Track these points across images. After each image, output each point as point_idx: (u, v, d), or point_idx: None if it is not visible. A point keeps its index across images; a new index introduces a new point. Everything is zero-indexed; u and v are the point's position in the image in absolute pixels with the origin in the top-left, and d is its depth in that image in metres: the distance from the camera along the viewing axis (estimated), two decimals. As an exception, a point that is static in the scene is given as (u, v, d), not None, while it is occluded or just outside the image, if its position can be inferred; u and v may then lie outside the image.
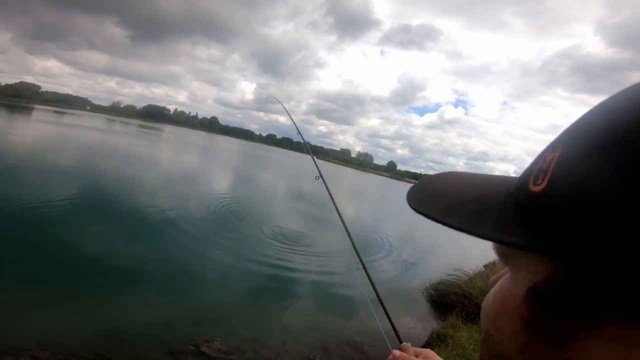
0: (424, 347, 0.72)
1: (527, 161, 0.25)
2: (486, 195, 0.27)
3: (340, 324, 4.96)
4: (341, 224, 1.30)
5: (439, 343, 4.14)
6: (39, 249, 5.24)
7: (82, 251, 5.49)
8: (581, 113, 0.22)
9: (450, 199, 0.28)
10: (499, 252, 0.26)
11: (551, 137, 0.24)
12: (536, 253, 0.21)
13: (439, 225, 0.24)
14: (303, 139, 1.72)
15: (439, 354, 0.68)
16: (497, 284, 0.28)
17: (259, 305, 5.01)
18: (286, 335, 4.27)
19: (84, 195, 8.28)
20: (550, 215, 0.21)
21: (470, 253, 9.55)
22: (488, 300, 0.28)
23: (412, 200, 0.30)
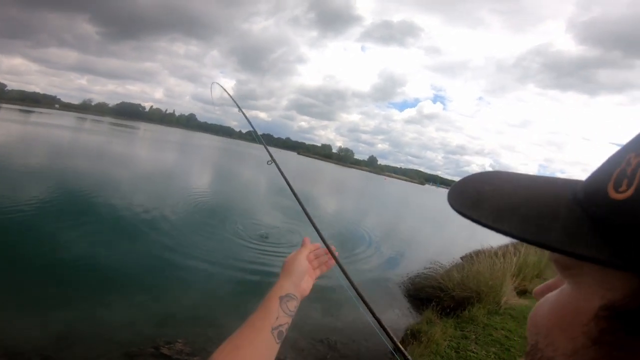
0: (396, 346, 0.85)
1: (502, 154, 0.19)
2: (545, 199, 0.24)
3: (312, 321, 4.82)
4: (302, 210, 1.17)
5: (413, 340, 4.04)
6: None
7: (42, 251, 5.20)
8: (552, 108, 0.21)
9: (499, 202, 0.25)
10: (557, 262, 0.24)
11: (525, 131, 0.19)
12: (618, 269, 0.19)
13: (420, 220, 0.22)
14: (253, 127, 1.61)
15: (411, 352, 0.55)
16: (552, 295, 0.26)
17: (227, 303, 4.80)
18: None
19: (49, 196, 7.86)
20: (638, 228, 0.18)
21: (449, 245, 9.65)
22: (539, 312, 0.26)
23: (455, 202, 0.27)
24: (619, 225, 0.19)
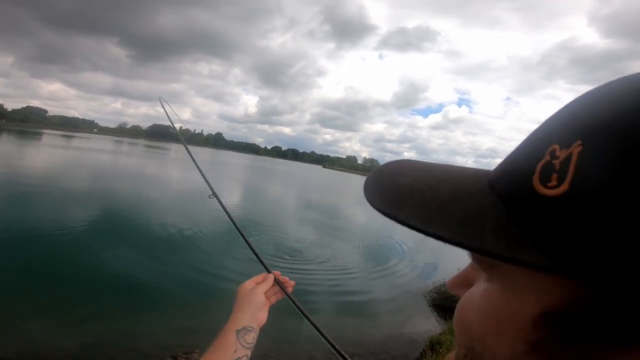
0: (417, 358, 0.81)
1: None
2: (465, 193, 0.22)
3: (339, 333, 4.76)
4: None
5: (431, 352, 3.90)
6: (37, 267, 5.30)
7: (78, 267, 5.54)
8: None
9: (424, 199, 0.23)
10: (480, 261, 0.22)
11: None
12: (559, 274, 0.17)
13: None
14: (180, 134, 1.53)
15: None
16: (476, 294, 0.24)
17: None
18: (272, 345, 4.09)
19: (90, 216, 8.41)
20: (578, 229, 0.16)
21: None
22: (467, 312, 0.24)
23: (374, 199, 0.24)
24: (557, 226, 0.17)
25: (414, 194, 0.23)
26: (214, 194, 1.19)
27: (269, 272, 0.86)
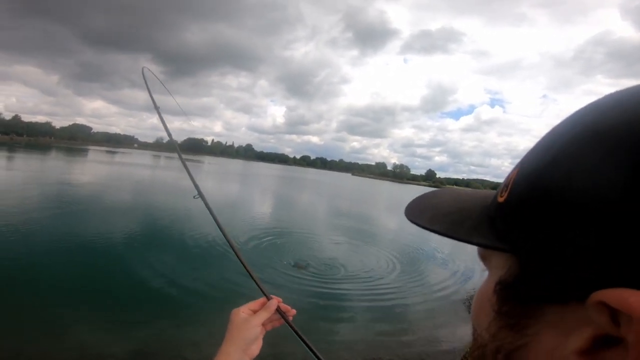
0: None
1: None
2: (468, 207, 0.32)
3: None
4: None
5: None
6: (90, 275, 5.78)
7: (127, 276, 5.98)
8: None
9: (437, 211, 0.33)
10: (480, 255, 0.30)
11: None
12: (498, 251, 0.25)
13: None
14: (170, 135, 1.35)
15: None
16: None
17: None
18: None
19: (134, 227, 9.03)
20: (509, 219, 0.25)
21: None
22: (474, 299, 0.32)
23: (408, 213, 0.36)
24: (500, 219, 0.26)
25: (434, 208, 0.34)
26: (200, 195, 1.13)
27: (268, 298, 0.80)
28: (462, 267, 9.55)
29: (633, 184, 0.18)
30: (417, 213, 0.34)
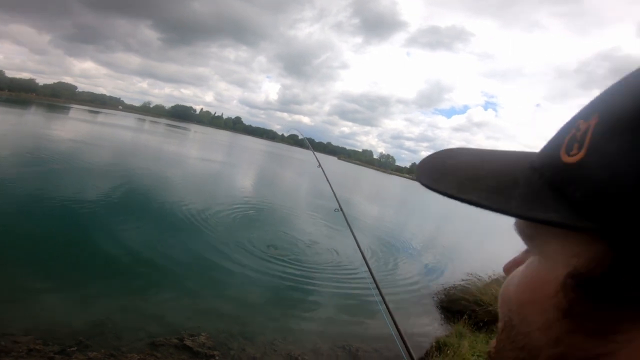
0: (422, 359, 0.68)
1: None
2: (504, 169, 0.25)
3: (340, 328, 4.75)
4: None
5: (437, 353, 3.84)
6: (53, 241, 5.43)
7: (90, 243, 5.66)
8: None
9: (464, 174, 0.26)
10: (523, 233, 0.24)
11: None
12: (578, 231, 0.19)
13: (463, 230, 0.22)
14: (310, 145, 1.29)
15: None
16: (520, 270, 0.25)
17: (253, 303, 4.88)
18: (277, 335, 4.11)
19: (109, 191, 8.62)
20: (593, 189, 0.18)
21: (493, 258, 9.06)
22: (509, 288, 0.25)
23: (422, 176, 0.28)
24: (573, 187, 0.19)
25: (457, 171, 0.27)
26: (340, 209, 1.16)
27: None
28: (435, 261, 9.62)
29: None
30: (436, 177, 0.27)
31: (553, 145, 0.22)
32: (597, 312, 0.18)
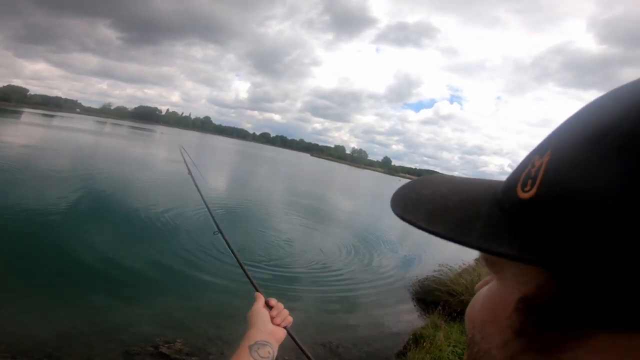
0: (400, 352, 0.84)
1: (521, 154, 0.24)
2: (471, 201, 0.26)
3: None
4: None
5: (414, 345, 3.94)
6: (11, 250, 5.09)
7: (54, 251, 5.36)
8: (573, 107, 0.22)
9: (434, 205, 0.27)
10: (485, 260, 0.26)
11: (544, 131, 0.22)
12: (527, 263, 0.20)
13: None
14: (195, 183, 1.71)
15: (413, 357, 0.55)
16: (484, 290, 0.28)
17: (230, 305, 4.79)
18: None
19: (68, 198, 8.12)
20: (541, 224, 0.20)
21: (463, 248, 9.40)
22: (474, 306, 0.28)
23: (396, 206, 0.29)
24: (526, 223, 0.21)
25: (428, 202, 0.28)
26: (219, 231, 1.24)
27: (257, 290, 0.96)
28: (408, 253, 9.85)
29: None
30: (408, 207, 0.28)
31: (512, 180, 0.24)
32: (544, 333, 0.20)
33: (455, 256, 8.55)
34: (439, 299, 5.90)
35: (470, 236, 0.23)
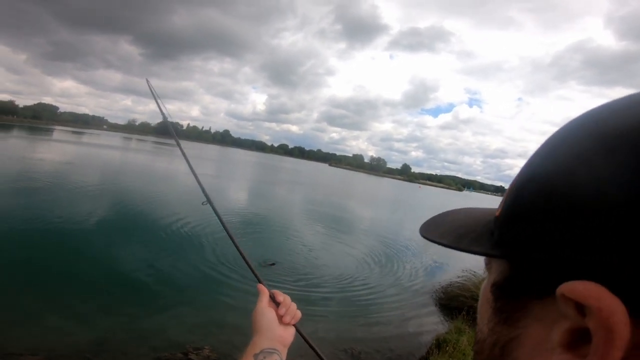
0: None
1: None
2: (476, 221, 0.34)
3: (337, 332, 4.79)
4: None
5: (437, 350, 3.91)
6: (51, 261, 5.41)
7: (90, 263, 5.66)
8: (599, 104, 0.27)
9: (449, 227, 0.36)
10: (485, 264, 0.34)
11: None
12: (493, 257, 0.30)
13: None
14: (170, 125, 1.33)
15: None
16: (483, 284, 0.35)
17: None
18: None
19: (102, 212, 8.56)
20: (502, 230, 0.28)
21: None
22: (479, 300, 0.35)
23: (422, 230, 0.39)
24: (496, 231, 0.29)
25: (446, 225, 0.37)
26: (208, 201, 1.10)
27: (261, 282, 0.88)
28: (431, 262, 9.71)
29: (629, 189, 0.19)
30: (430, 229, 0.38)
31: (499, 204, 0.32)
32: (505, 306, 0.28)
33: (479, 262, 8.39)
34: (463, 304, 5.82)
35: (462, 244, 0.32)
